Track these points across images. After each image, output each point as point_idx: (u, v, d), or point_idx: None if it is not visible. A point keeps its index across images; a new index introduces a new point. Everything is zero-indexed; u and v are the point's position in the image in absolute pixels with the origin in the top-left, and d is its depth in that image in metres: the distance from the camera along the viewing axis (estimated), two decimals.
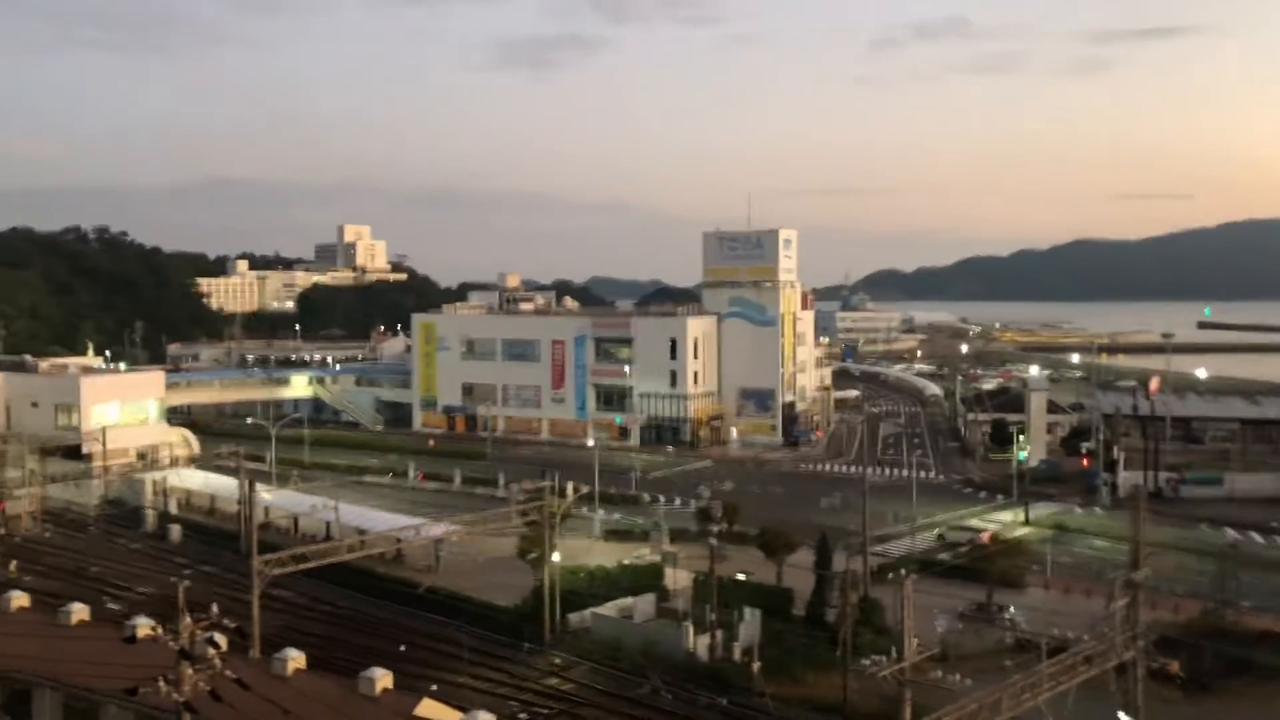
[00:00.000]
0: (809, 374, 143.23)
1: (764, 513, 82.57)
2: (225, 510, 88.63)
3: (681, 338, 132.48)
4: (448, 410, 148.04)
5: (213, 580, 67.85)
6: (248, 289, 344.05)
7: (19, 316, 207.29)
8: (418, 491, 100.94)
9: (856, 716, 48.23)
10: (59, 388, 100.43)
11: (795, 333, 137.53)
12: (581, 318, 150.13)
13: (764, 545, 68.09)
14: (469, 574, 70.20)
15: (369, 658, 47.76)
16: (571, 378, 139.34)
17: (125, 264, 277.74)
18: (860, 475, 76.86)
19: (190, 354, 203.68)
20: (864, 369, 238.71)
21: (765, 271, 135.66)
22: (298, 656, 36.12)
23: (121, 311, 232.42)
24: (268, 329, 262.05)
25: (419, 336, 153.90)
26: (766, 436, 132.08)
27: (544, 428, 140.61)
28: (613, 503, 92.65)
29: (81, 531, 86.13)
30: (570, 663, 55.87)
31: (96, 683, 35.46)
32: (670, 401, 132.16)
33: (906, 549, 76.79)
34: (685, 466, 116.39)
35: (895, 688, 37.45)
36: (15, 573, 69.23)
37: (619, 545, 78.13)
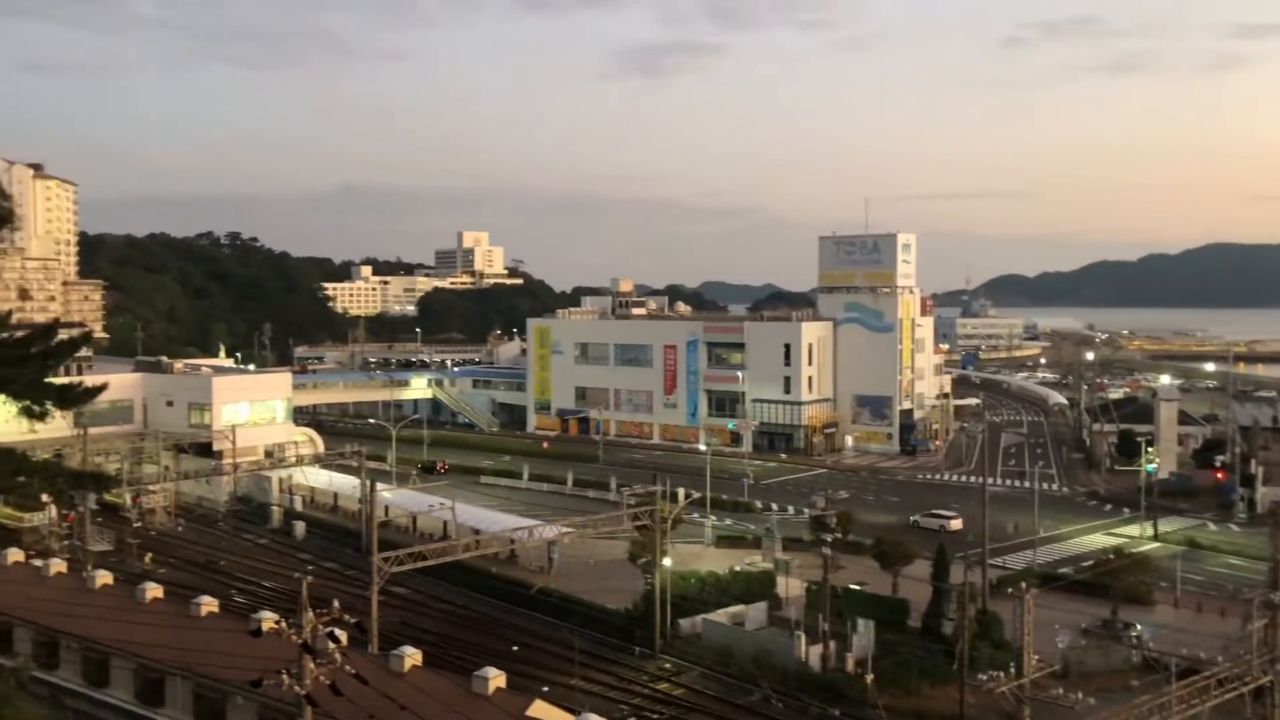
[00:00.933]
0: (927, 381, 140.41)
1: (880, 522, 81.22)
2: (347, 508, 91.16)
3: (796, 343, 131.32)
4: (561, 413, 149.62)
5: (334, 576, 69.79)
6: (371, 293, 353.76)
7: (156, 319, 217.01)
8: (531, 493, 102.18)
9: None
10: (192, 387, 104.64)
11: (913, 339, 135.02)
12: (693, 322, 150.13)
13: (879, 555, 66.96)
14: (580, 576, 70.74)
15: (482, 656, 48.57)
16: (683, 383, 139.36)
17: (256, 269, 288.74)
18: (980, 485, 74.99)
19: (316, 356, 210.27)
20: (985, 376, 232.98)
21: (883, 276, 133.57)
22: (414, 653, 36.86)
23: (252, 314, 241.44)
24: (389, 332, 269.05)
25: (533, 340, 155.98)
26: (882, 445, 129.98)
27: (655, 432, 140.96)
28: (724, 509, 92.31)
29: (211, 526, 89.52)
30: (681, 668, 55.81)
31: (224, 673, 36.77)
32: (783, 408, 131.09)
33: (1027, 562, 74.66)
34: (798, 474, 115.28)
35: (1013, 704, 36.45)
36: (150, 565, 72.36)
37: (730, 552, 77.79)
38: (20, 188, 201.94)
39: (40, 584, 47.68)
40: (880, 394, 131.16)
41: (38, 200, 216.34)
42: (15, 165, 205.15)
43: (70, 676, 42.53)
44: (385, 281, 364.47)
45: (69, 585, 47.70)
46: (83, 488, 52.95)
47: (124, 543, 75.53)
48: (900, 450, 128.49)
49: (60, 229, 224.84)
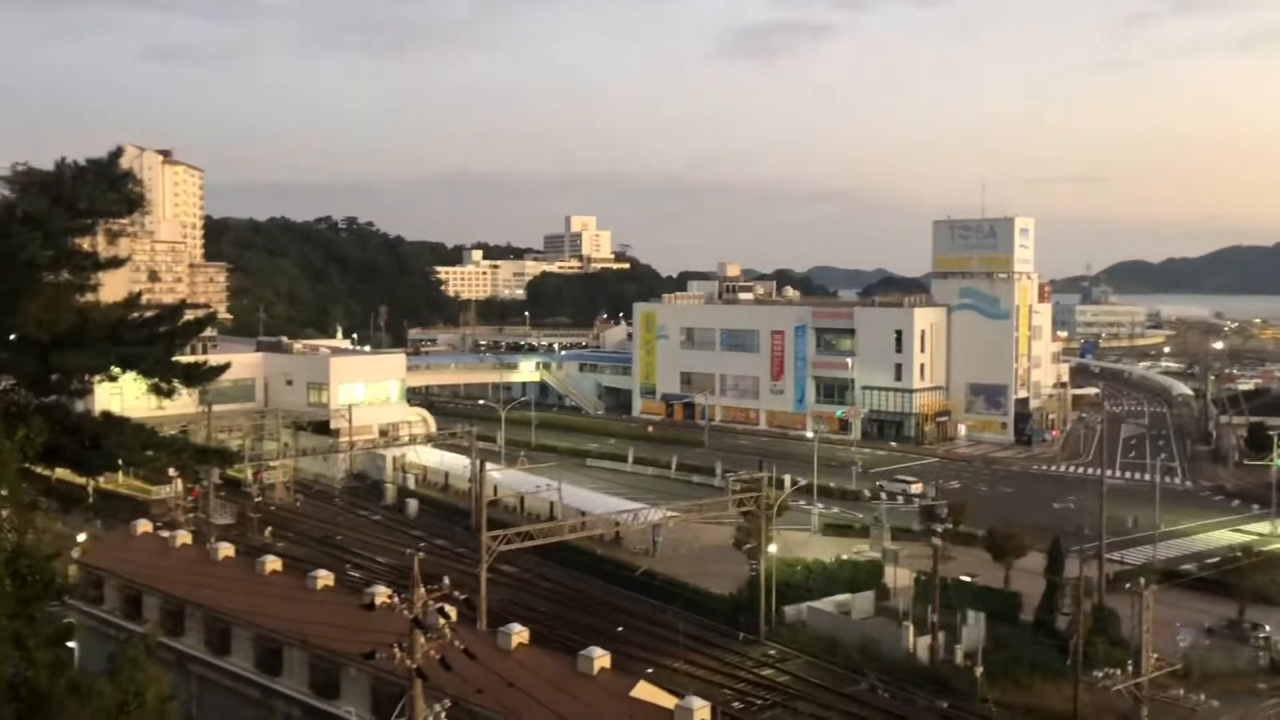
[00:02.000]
0: (1044, 370, 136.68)
1: (992, 513, 79.50)
2: (458, 487, 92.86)
3: (908, 329, 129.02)
4: (666, 398, 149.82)
5: (445, 553, 71.27)
6: (481, 277, 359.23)
7: (277, 300, 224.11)
8: (636, 477, 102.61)
9: None
10: (311, 367, 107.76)
11: (1030, 326, 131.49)
12: (802, 307, 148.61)
13: (991, 547, 65.50)
14: (685, 560, 70.84)
15: (588, 636, 49.05)
16: (790, 368, 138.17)
17: (372, 252, 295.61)
18: (1098, 477, 72.68)
19: (428, 338, 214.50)
20: (1105, 365, 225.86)
21: (999, 262, 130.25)
22: (521, 631, 37.38)
23: (368, 297, 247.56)
24: (498, 316, 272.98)
25: (639, 325, 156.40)
26: (996, 434, 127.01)
27: (761, 418, 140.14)
28: (831, 497, 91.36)
29: (328, 502, 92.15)
30: (785, 655, 55.50)
31: (338, 645, 37.83)
32: (894, 395, 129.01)
33: (1147, 557, 72.14)
34: (909, 462, 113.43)
35: (1131, 703, 35.31)
36: (270, 538, 74.86)
37: (837, 540, 76.98)
38: (150, 174, 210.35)
39: (167, 554, 49.73)
40: (995, 382, 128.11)
41: (166, 185, 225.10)
42: (145, 152, 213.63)
43: (194, 644, 44.29)
44: (495, 266, 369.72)
45: (194, 556, 49.65)
46: (207, 463, 54.95)
47: (245, 516, 78.24)
48: (1015, 440, 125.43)
49: (187, 213, 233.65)
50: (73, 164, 29.48)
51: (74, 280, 30.67)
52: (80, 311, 30.95)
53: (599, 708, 32.61)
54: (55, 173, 29.25)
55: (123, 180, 29.97)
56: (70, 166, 29.39)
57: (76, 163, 29.59)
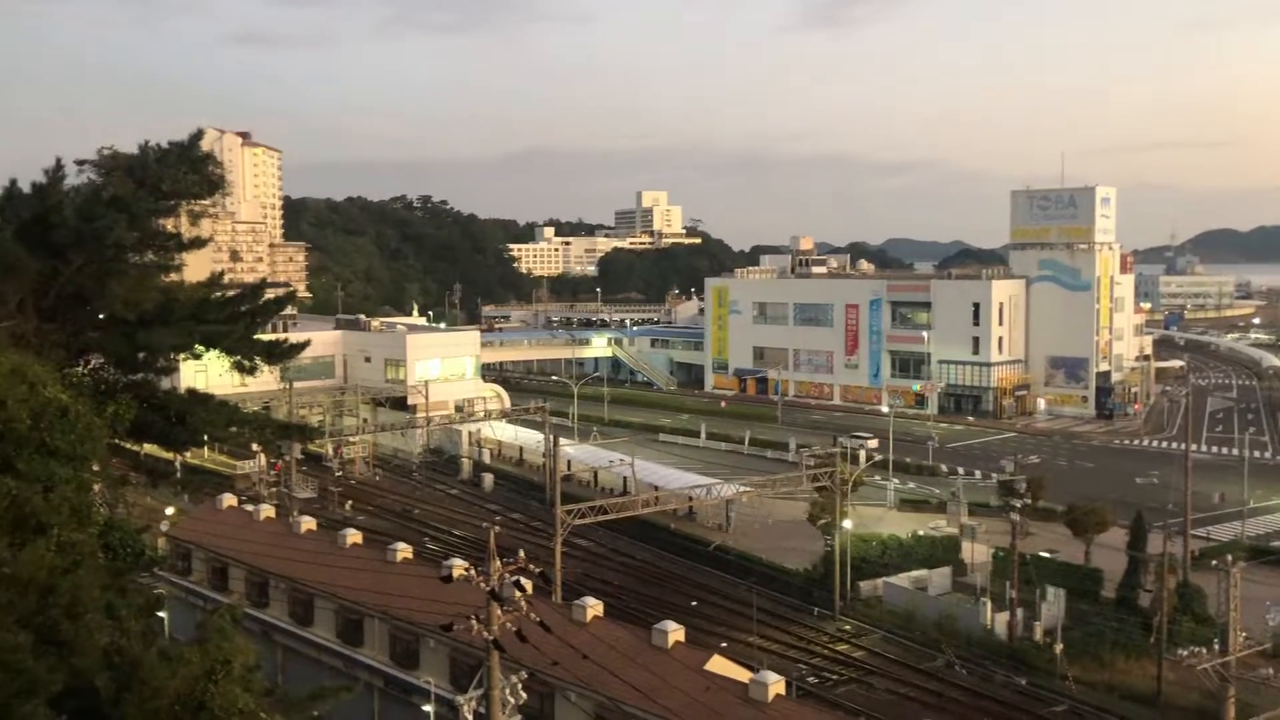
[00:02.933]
0: (1126, 342, 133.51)
1: (1072, 488, 78.07)
2: (532, 462, 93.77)
3: (985, 302, 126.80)
4: (739, 373, 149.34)
5: (520, 527, 72.05)
6: (553, 254, 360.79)
7: (355, 279, 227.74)
8: (709, 452, 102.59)
9: (1171, 709, 44.92)
10: (388, 344, 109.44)
11: (1112, 298, 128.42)
12: (876, 281, 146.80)
13: (1072, 523, 64.33)
14: (758, 535, 70.76)
15: (661, 610, 49.33)
16: (865, 343, 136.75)
17: (446, 231, 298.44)
18: (1182, 452, 70.90)
19: (502, 315, 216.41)
20: (1190, 337, 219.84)
21: (1079, 232, 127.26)
22: (596, 604, 37.72)
23: (442, 274, 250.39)
24: (570, 292, 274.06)
25: (711, 300, 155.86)
26: (1077, 408, 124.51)
27: (835, 393, 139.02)
28: (908, 472, 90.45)
29: (406, 476, 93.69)
30: (861, 630, 55.29)
31: (417, 616, 38.54)
32: (971, 369, 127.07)
33: (1234, 533, 70.28)
34: (987, 437, 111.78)
35: (1217, 682, 34.51)
36: (351, 511, 76.39)
37: (914, 515, 76.28)
38: (230, 155, 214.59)
39: (251, 527, 51.05)
40: (1075, 355, 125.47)
41: (246, 167, 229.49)
42: (226, 134, 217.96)
43: (279, 615, 45.45)
44: (567, 242, 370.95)
45: (277, 529, 50.90)
46: (288, 438, 56.07)
47: (326, 490, 79.91)
48: (1096, 414, 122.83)
49: (266, 193, 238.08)
50: (156, 147, 30.10)
51: (158, 261, 31.35)
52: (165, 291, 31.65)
53: (674, 680, 32.80)
54: (139, 156, 29.89)
55: (204, 162, 30.50)
56: (154, 149, 29.99)
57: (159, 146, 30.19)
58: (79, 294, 29.97)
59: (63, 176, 29.43)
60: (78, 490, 17.11)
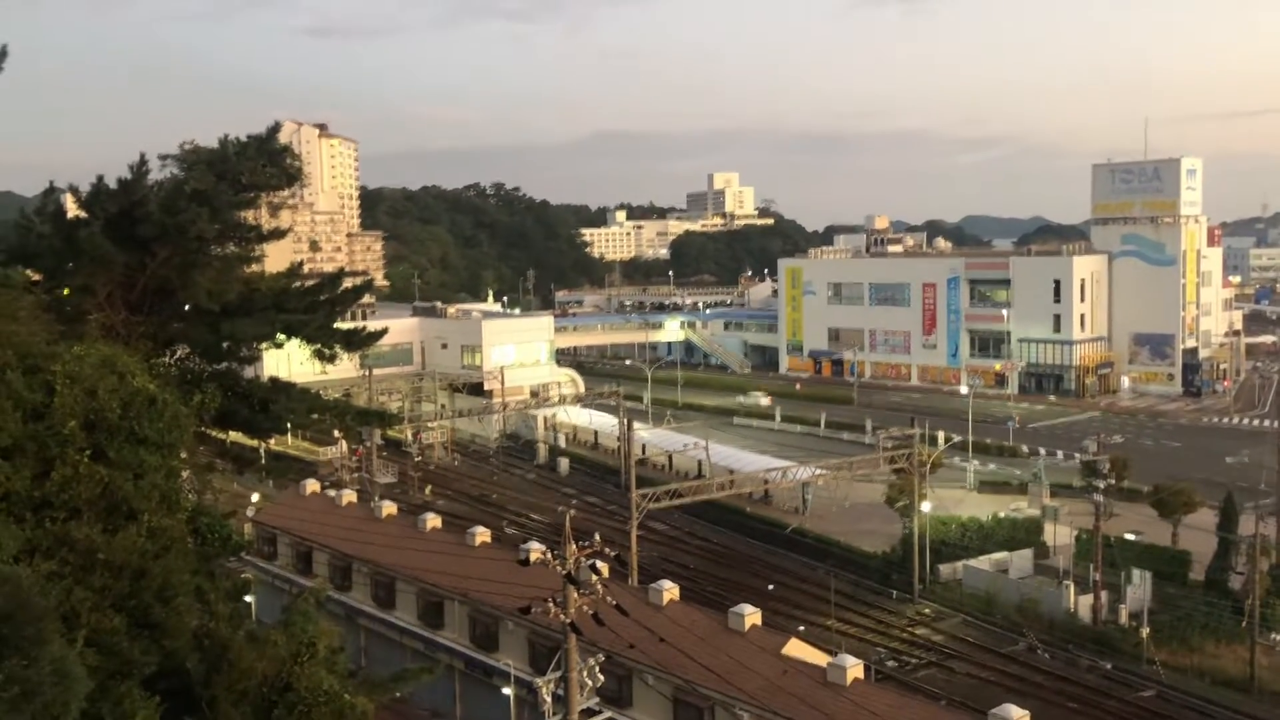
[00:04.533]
0: (1214, 317, 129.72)
1: (1158, 468, 76.19)
2: (607, 446, 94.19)
3: (1066, 278, 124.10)
4: (814, 355, 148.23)
5: (596, 511, 72.52)
6: (625, 238, 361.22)
7: (431, 266, 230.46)
8: (784, 434, 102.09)
9: (1266, 694, 43.73)
10: (464, 331, 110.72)
11: (1199, 272, 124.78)
12: (954, 259, 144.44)
13: (1158, 503, 62.81)
14: (835, 518, 70.28)
15: (738, 593, 49.27)
16: (943, 322, 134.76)
17: (519, 217, 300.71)
18: (1275, 430, 68.75)
19: (575, 300, 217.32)
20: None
21: (1164, 205, 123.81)
22: (672, 587, 37.79)
23: (516, 261, 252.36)
24: (643, 275, 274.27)
25: (785, 281, 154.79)
26: (1163, 386, 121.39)
27: (913, 374, 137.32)
28: (988, 453, 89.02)
29: (484, 461, 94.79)
30: (940, 614, 54.69)
31: (496, 600, 39.00)
32: (1053, 347, 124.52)
33: None
34: (1069, 417, 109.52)
35: None
36: (431, 496, 77.53)
37: (994, 497, 75.08)
38: (308, 147, 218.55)
39: (334, 512, 52.06)
40: (1161, 332, 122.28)
41: (323, 158, 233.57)
42: (303, 126, 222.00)
43: (362, 598, 46.34)
44: (639, 226, 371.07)
45: (359, 514, 51.84)
46: (369, 424, 57.04)
47: (406, 476, 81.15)
48: (1183, 392, 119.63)
49: (343, 184, 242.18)
50: (235, 141, 30.76)
51: (240, 252, 32.10)
52: (246, 282, 32.40)
53: (751, 664, 32.77)
54: (219, 150, 30.58)
55: (281, 155, 31.12)
56: (233, 143, 30.67)
57: (239, 139, 30.86)
58: (164, 286, 30.80)
59: (146, 172, 30.23)
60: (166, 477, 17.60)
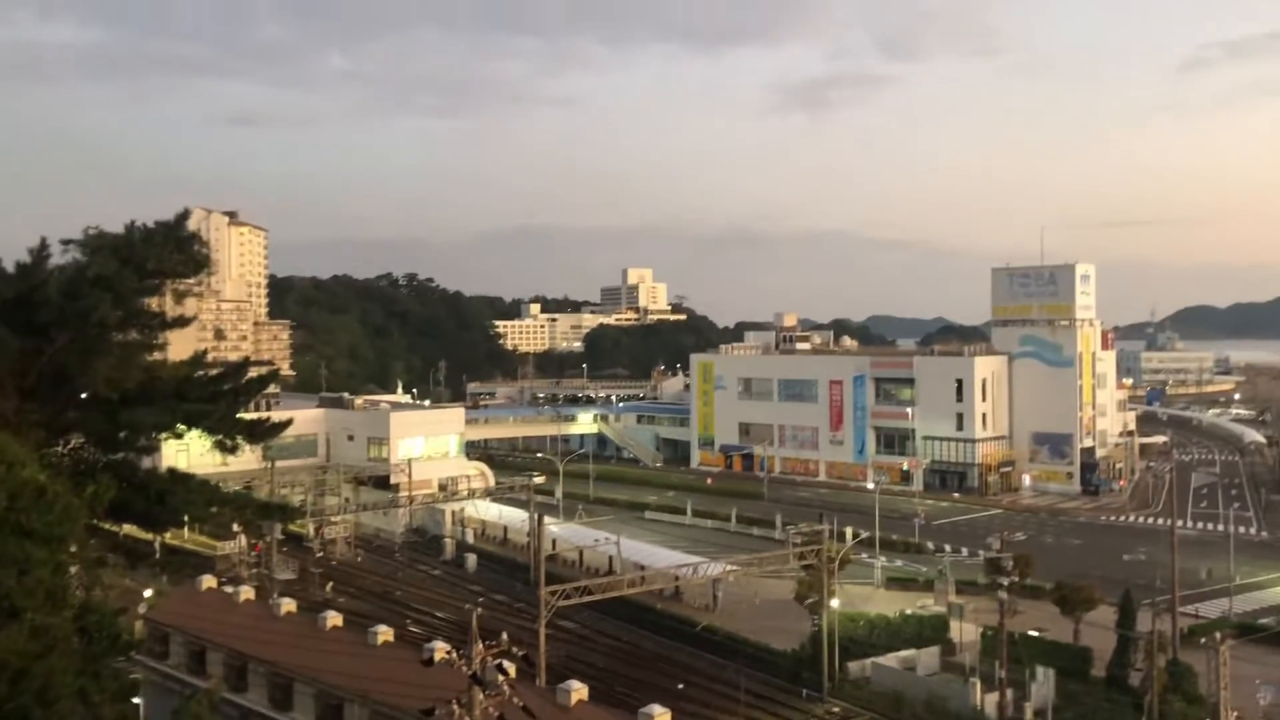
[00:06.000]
0: (1110, 418, 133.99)
1: (1060, 565, 77.69)
2: (516, 541, 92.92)
3: (968, 378, 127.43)
4: (725, 449, 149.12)
5: (503, 608, 71.09)
6: (539, 330, 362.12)
7: (339, 356, 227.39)
8: (695, 530, 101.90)
9: None
10: (372, 422, 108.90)
11: (1094, 374, 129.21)
12: (860, 357, 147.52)
13: (1060, 601, 63.85)
14: (746, 615, 69.96)
15: (648, 693, 48.48)
16: (850, 419, 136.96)
17: (431, 307, 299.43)
18: (1169, 528, 70.83)
19: (487, 391, 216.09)
20: (1172, 413, 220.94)
21: (1060, 309, 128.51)
22: (580, 688, 37.04)
23: (427, 352, 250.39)
24: (557, 368, 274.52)
25: (697, 376, 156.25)
26: (1062, 484, 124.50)
27: (821, 469, 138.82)
28: (894, 549, 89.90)
29: (388, 557, 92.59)
30: (850, 712, 54.44)
31: (399, 701, 37.76)
32: (956, 445, 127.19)
33: (1222, 610, 69.90)
34: (973, 514, 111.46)
35: None
36: (332, 593, 75.27)
37: (901, 594, 75.65)
38: (217, 234, 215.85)
39: (231, 610, 50.14)
40: (1059, 431, 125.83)
41: (232, 245, 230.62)
42: (213, 213, 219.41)
43: (257, 699, 44.46)
44: (553, 319, 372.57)
45: (256, 612, 50.01)
46: (269, 518, 55.52)
47: (307, 571, 78.82)
48: (1081, 490, 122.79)
49: (252, 272, 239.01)
50: (142, 227, 30.32)
51: (142, 339, 31.45)
52: (148, 370, 31.67)
53: None
54: (125, 235, 30.10)
55: (189, 241, 30.79)
56: (139, 229, 30.23)
57: (145, 225, 30.42)
58: (61, 373, 29.90)
59: (47, 256, 29.59)
60: (54, 573, 16.86)
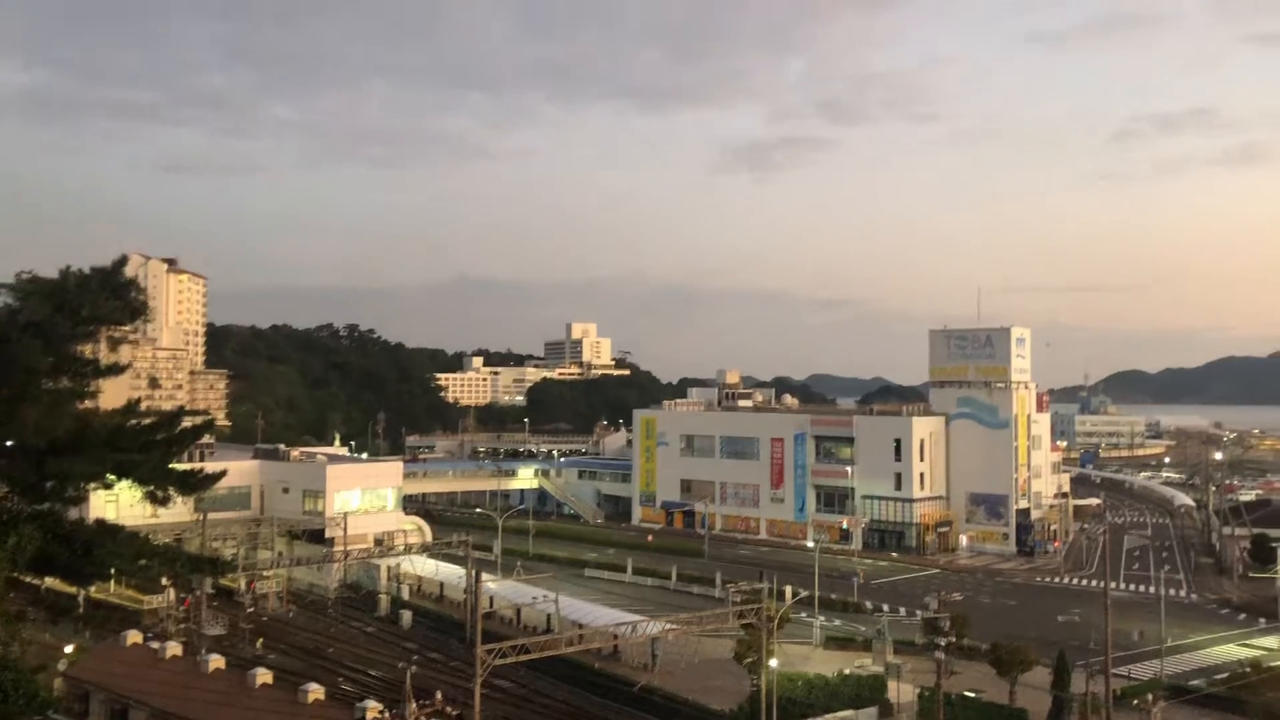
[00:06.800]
0: (1045, 480, 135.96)
1: (996, 626, 78.23)
2: (453, 598, 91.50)
3: (907, 438, 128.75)
4: (666, 506, 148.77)
5: (438, 667, 69.77)
6: (481, 384, 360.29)
7: (277, 407, 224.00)
8: (635, 587, 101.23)
9: None
10: (307, 475, 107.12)
11: (1029, 436, 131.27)
12: (801, 415, 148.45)
13: (996, 661, 64.24)
14: (684, 674, 69.39)
15: None
16: (790, 477, 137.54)
17: (372, 359, 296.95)
18: (1102, 590, 71.76)
19: (427, 445, 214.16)
20: (1105, 475, 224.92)
21: (996, 371, 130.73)
22: None
23: (367, 403, 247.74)
24: (498, 422, 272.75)
25: (639, 432, 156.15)
26: (998, 545, 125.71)
27: (761, 527, 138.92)
28: (833, 609, 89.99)
29: (321, 613, 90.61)
30: None
31: None
32: (894, 505, 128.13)
33: (1154, 672, 70.73)
34: (911, 574, 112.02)
35: None
36: (261, 650, 73.44)
37: (839, 654, 75.56)
38: (154, 281, 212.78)
39: (156, 666, 48.74)
40: (995, 492, 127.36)
41: (170, 293, 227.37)
42: (151, 260, 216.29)
43: None
44: (495, 372, 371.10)
45: (183, 668, 48.66)
46: (200, 572, 54.17)
47: (237, 627, 76.89)
48: (1017, 551, 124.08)
49: (190, 320, 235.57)
50: (77, 272, 29.82)
51: (74, 387, 30.76)
52: (78, 418, 30.95)
53: None
54: (59, 280, 29.57)
55: (126, 288, 30.30)
56: (75, 274, 29.73)
57: (81, 271, 29.93)
58: None
59: None
60: None
